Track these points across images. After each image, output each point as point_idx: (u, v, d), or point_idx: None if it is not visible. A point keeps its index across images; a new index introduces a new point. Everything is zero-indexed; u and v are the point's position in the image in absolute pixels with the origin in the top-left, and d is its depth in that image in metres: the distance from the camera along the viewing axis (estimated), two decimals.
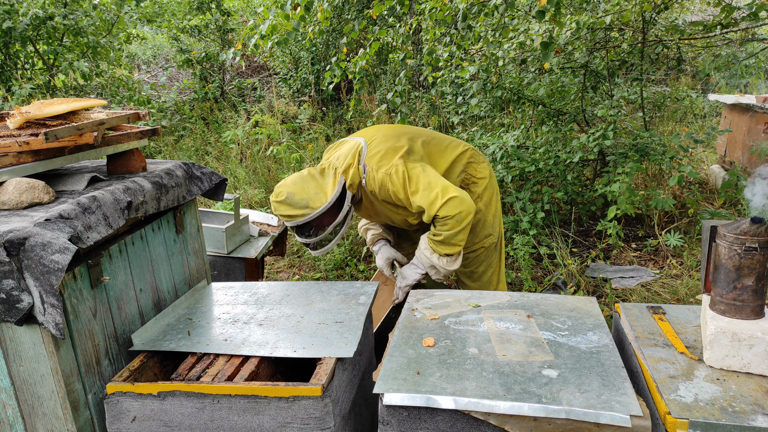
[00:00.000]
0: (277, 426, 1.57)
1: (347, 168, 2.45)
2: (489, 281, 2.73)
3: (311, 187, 2.40)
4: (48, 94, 6.31)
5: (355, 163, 2.45)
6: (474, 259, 2.68)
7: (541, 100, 5.03)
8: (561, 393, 1.43)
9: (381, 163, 2.41)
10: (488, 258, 2.69)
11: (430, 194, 2.31)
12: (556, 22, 3.64)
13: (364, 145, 2.49)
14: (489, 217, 2.65)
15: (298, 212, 2.36)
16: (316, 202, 2.36)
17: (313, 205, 2.35)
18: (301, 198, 2.36)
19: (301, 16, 3.87)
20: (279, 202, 2.38)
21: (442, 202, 2.28)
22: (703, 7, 7.46)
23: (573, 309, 1.90)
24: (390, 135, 2.52)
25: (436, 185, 2.31)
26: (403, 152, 2.42)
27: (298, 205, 2.36)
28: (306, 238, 2.46)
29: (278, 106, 7.88)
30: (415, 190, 2.34)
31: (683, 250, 4.02)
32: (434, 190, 2.30)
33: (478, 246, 2.66)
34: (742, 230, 1.50)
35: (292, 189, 2.38)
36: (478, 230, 2.63)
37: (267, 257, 4.12)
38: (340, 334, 1.79)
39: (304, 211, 2.36)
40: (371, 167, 2.42)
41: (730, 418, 1.34)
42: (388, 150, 2.43)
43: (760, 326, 1.51)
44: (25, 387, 1.58)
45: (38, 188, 1.69)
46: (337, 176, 2.43)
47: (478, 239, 2.65)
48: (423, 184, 2.33)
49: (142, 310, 1.94)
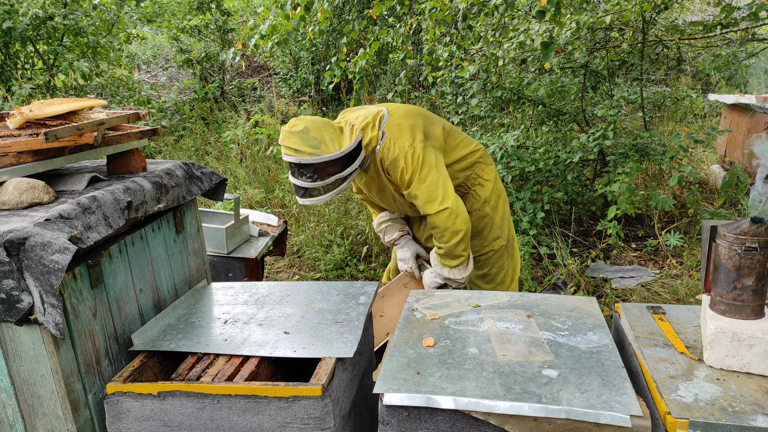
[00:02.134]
0: (277, 426, 1.57)
1: (365, 126, 2.37)
2: (502, 282, 2.73)
3: (328, 131, 2.28)
4: (48, 94, 6.31)
5: (375, 124, 2.37)
6: (485, 261, 2.68)
7: (541, 100, 5.03)
8: (561, 393, 1.43)
9: (400, 136, 2.33)
10: (499, 260, 2.69)
11: (432, 193, 2.30)
12: (556, 22, 3.64)
13: (386, 112, 2.42)
14: (497, 219, 2.64)
15: (306, 149, 2.23)
16: (329, 146, 2.24)
17: (324, 149, 2.24)
18: (315, 137, 2.24)
19: (301, 16, 3.87)
20: (292, 132, 2.25)
21: (439, 208, 2.29)
22: (703, 7, 7.46)
23: (573, 309, 1.90)
24: (413, 112, 2.45)
25: (440, 187, 2.30)
26: (423, 134, 2.36)
27: (310, 142, 2.23)
28: (300, 181, 2.32)
29: (278, 106, 7.88)
30: (422, 181, 2.30)
31: (683, 250, 4.02)
32: (437, 191, 2.29)
33: (487, 249, 2.66)
34: (742, 230, 1.50)
35: (309, 125, 2.26)
36: (486, 234, 2.63)
37: (267, 257, 4.13)
38: (340, 334, 1.80)
39: (313, 150, 2.23)
40: (389, 137, 2.34)
41: (730, 418, 1.33)
42: (409, 126, 2.36)
43: (760, 326, 1.51)
44: (25, 387, 1.58)
45: (38, 188, 1.69)
46: (354, 132, 2.32)
47: (486, 242, 2.65)
48: (431, 179, 2.30)
49: (142, 310, 1.94)
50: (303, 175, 2.30)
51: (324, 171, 2.29)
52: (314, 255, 4.29)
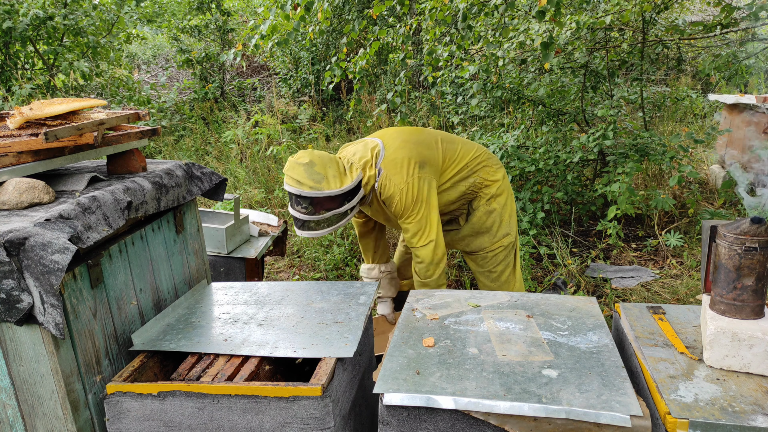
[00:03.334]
0: (277, 426, 1.57)
1: (365, 165, 2.46)
2: (507, 281, 2.76)
3: (332, 168, 2.36)
4: (48, 94, 6.31)
5: (372, 162, 2.46)
6: (492, 258, 2.71)
7: (541, 100, 5.03)
8: (561, 393, 1.43)
9: (395, 172, 2.43)
10: (507, 257, 2.73)
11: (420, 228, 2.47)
12: (556, 22, 3.64)
13: (381, 147, 2.49)
14: (505, 216, 2.69)
15: (308, 182, 2.31)
16: (330, 183, 2.33)
17: (325, 185, 2.32)
18: (319, 172, 2.31)
19: (301, 16, 3.87)
20: (297, 164, 2.33)
21: (424, 242, 2.47)
22: (703, 7, 7.46)
23: (573, 309, 1.90)
24: (408, 141, 2.52)
25: (427, 222, 2.46)
26: (416, 165, 2.44)
27: (313, 176, 2.31)
28: (299, 213, 2.39)
29: (278, 106, 7.88)
30: (413, 216, 2.45)
31: (683, 250, 4.02)
32: (426, 225, 2.46)
33: (497, 245, 2.70)
34: (742, 230, 1.50)
35: (315, 159, 2.34)
36: (495, 230, 2.67)
37: (267, 257, 4.12)
38: (340, 334, 1.80)
39: (314, 185, 2.31)
40: (385, 174, 2.44)
41: (730, 418, 1.34)
42: (405, 159, 2.44)
43: (760, 326, 1.51)
44: (25, 387, 1.58)
45: (38, 188, 1.69)
46: (354, 171, 2.41)
47: (497, 239, 2.69)
48: (421, 214, 2.45)
49: (142, 310, 1.94)
50: (300, 205, 2.38)
51: (322, 206, 2.37)
52: (314, 255, 4.29)
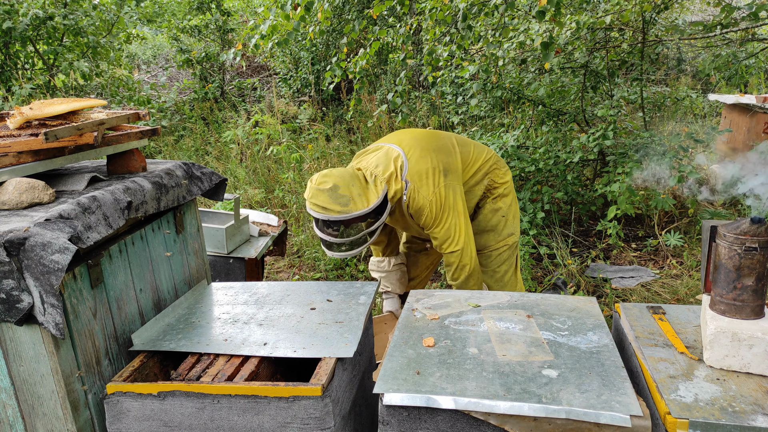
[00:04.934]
0: (277, 426, 1.57)
1: (390, 178, 2.40)
2: (509, 281, 2.78)
3: (356, 186, 2.29)
4: (48, 94, 6.31)
5: (398, 175, 2.41)
6: (497, 257, 2.73)
7: (541, 100, 5.03)
8: (561, 393, 1.43)
9: (422, 184, 2.41)
10: (510, 257, 2.76)
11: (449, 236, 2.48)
12: (556, 22, 3.64)
13: (404, 158, 2.43)
14: (510, 216, 2.72)
15: (336, 207, 2.23)
16: (358, 204, 2.25)
17: (353, 206, 2.24)
18: (344, 195, 2.23)
19: (301, 16, 3.87)
20: (321, 191, 2.23)
21: (453, 249, 2.49)
22: (703, 7, 7.46)
23: (573, 309, 1.90)
24: (428, 149, 2.48)
25: (456, 229, 2.46)
26: (441, 174, 2.44)
27: (339, 200, 2.23)
28: (329, 236, 2.32)
29: (278, 106, 7.88)
30: (442, 224, 2.45)
31: (683, 250, 4.02)
32: (454, 233, 2.47)
33: (501, 244, 2.72)
34: (742, 230, 1.50)
35: (338, 181, 2.25)
36: (500, 229, 2.70)
37: (267, 257, 4.12)
38: (340, 334, 1.79)
39: (343, 208, 2.23)
40: (413, 186, 2.41)
41: (730, 418, 1.33)
42: (428, 170, 2.42)
43: (760, 326, 1.51)
44: (25, 387, 1.58)
45: (38, 188, 1.69)
46: (379, 184, 2.35)
47: (501, 237, 2.71)
48: (450, 222, 2.45)
49: (142, 310, 1.94)
50: (330, 228, 2.30)
51: (351, 226, 2.31)
52: (314, 255, 4.29)
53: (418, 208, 2.44)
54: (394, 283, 2.96)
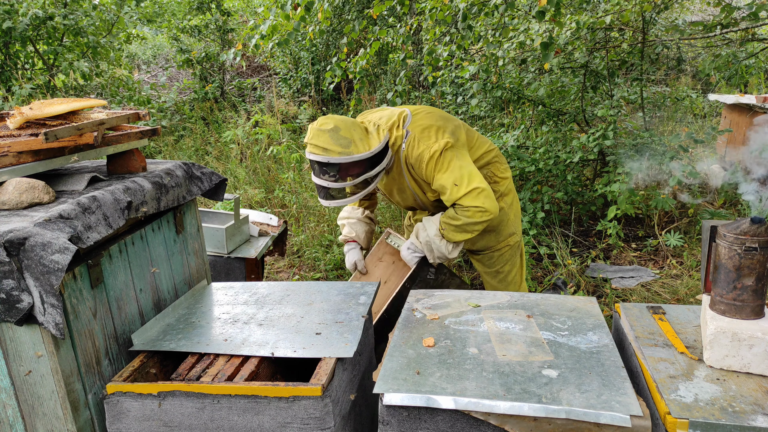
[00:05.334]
0: (277, 426, 1.57)
1: (391, 127, 2.37)
2: (513, 281, 2.74)
3: (358, 131, 2.26)
4: (48, 94, 6.31)
5: (400, 124, 2.38)
6: (499, 258, 2.69)
7: (541, 100, 5.03)
8: (561, 393, 1.43)
9: (424, 135, 2.33)
10: (513, 257, 2.72)
11: (457, 177, 2.28)
12: (556, 22, 3.64)
13: (409, 113, 2.43)
14: (511, 216, 2.67)
15: (336, 148, 2.18)
16: (358, 146, 2.21)
17: (354, 149, 2.20)
18: (345, 137, 2.20)
19: (301, 16, 3.87)
20: (321, 131, 2.21)
21: (467, 191, 2.27)
22: (703, 7, 7.46)
23: (573, 309, 1.90)
24: (435, 114, 2.47)
25: (465, 172, 2.29)
26: (448, 133, 2.36)
27: (340, 142, 2.19)
28: (325, 181, 2.28)
29: (278, 106, 7.88)
30: (445, 170, 2.30)
31: (683, 250, 4.02)
32: (463, 175, 2.28)
33: (503, 245, 2.67)
34: (742, 230, 1.50)
35: (339, 124, 2.22)
36: (501, 229, 2.65)
37: (267, 257, 4.12)
38: (340, 334, 1.79)
39: (344, 150, 2.19)
40: (414, 135, 2.34)
41: (730, 418, 1.33)
42: (433, 126, 2.36)
43: (760, 326, 1.51)
44: (25, 387, 1.58)
45: (38, 188, 1.69)
46: (381, 132, 2.31)
47: (502, 237, 2.66)
48: (454, 165, 2.29)
49: (142, 310, 1.94)
50: (327, 173, 2.26)
51: (349, 171, 2.26)
52: (314, 255, 4.29)
53: (417, 156, 2.33)
54: (359, 232, 2.80)
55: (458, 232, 2.35)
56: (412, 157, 2.36)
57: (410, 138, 2.35)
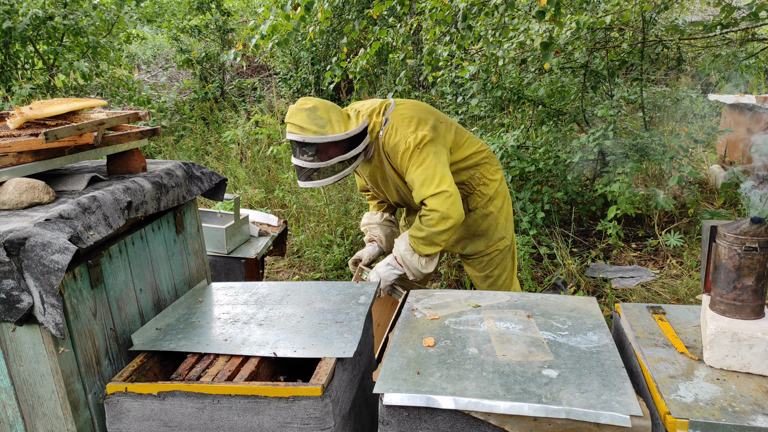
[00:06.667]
0: (277, 426, 1.57)
1: (371, 113, 2.40)
2: (503, 285, 2.72)
3: (336, 113, 2.29)
4: (48, 94, 6.31)
5: (380, 111, 2.40)
6: (488, 262, 2.67)
7: (541, 100, 5.03)
8: (561, 393, 1.43)
9: (403, 125, 2.34)
10: (503, 262, 2.69)
11: (428, 176, 2.28)
12: (556, 22, 3.64)
13: (393, 102, 2.45)
14: (501, 220, 2.63)
15: (311, 127, 2.23)
16: (334, 127, 2.24)
17: (329, 129, 2.24)
18: (322, 117, 2.24)
19: (301, 16, 3.87)
20: (299, 109, 2.25)
21: (435, 191, 2.26)
22: (703, 7, 7.46)
23: (573, 309, 1.90)
24: (421, 107, 2.48)
25: (438, 172, 2.28)
26: (429, 127, 2.36)
27: (316, 121, 2.23)
28: (301, 161, 2.31)
29: (278, 106, 7.88)
30: (419, 164, 2.30)
31: (683, 250, 4.02)
32: (435, 175, 2.27)
33: (492, 249, 2.65)
34: (742, 230, 1.50)
35: (318, 104, 2.27)
36: (491, 234, 2.62)
37: (267, 257, 4.12)
38: (340, 334, 1.79)
39: (318, 129, 2.23)
40: (392, 123, 2.36)
41: (730, 418, 1.34)
42: (415, 118, 2.37)
43: (760, 326, 1.51)
44: (25, 387, 1.58)
45: (38, 188, 1.69)
46: (360, 117, 2.35)
47: (492, 242, 2.64)
48: (429, 163, 2.29)
49: (142, 310, 1.94)
50: (305, 154, 2.28)
51: (327, 152, 2.28)
52: (314, 255, 4.29)
53: (394, 144, 2.35)
54: (381, 236, 2.80)
55: (425, 245, 2.34)
56: (388, 145, 2.37)
57: (388, 126, 2.36)
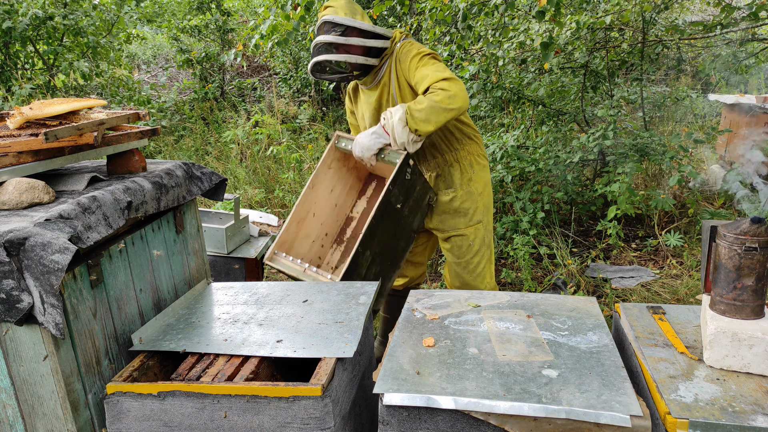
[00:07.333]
0: (277, 426, 1.57)
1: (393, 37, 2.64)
2: (481, 274, 2.81)
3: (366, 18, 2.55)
4: (48, 94, 6.31)
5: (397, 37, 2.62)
6: (468, 248, 2.76)
7: (541, 100, 5.03)
8: (561, 393, 1.43)
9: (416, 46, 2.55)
10: (481, 249, 2.78)
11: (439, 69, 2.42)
12: (556, 22, 3.65)
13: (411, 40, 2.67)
14: (481, 205, 2.74)
15: (344, 10, 2.48)
16: (363, 21, 2.50)
17: (360, 19, 2.49)
18: (356, 9, 2.52)
19: (301, 16, 3.87)
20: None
21: (449, 76, 2.37)
22: (703, 7, 7.45)
23: (573, 309, 1.90)
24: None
25: (448, 71, 2.44)
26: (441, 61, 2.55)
27: (350, 8, 2.50)
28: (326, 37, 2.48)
29: (278, 106, 7.88)
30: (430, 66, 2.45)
31: (683, 250, 4.02)
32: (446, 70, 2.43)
33: (470, 228, 2.75)
34: (742, 230, 1.50)
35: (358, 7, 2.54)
36: (471, 213, 2.73)
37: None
38: (340, 334, 1.79)
39: (351, 15, 2.48)
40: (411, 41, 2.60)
41: (730, 418, 1.34)
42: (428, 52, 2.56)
43: (760, 326, 1.51)
44: (25, 387, 1.58)
45: (38, 188, 1.69)
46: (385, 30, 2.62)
47: (471, 222, 2.74)
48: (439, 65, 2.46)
49: (142, 310, 1.94)
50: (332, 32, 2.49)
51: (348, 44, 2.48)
52: None
53: (406, 51, 2.53)
54: None
55: (421, 120, 2.33)
56: (401, 52, 2.56)
57: (406, 41, 2.60)
